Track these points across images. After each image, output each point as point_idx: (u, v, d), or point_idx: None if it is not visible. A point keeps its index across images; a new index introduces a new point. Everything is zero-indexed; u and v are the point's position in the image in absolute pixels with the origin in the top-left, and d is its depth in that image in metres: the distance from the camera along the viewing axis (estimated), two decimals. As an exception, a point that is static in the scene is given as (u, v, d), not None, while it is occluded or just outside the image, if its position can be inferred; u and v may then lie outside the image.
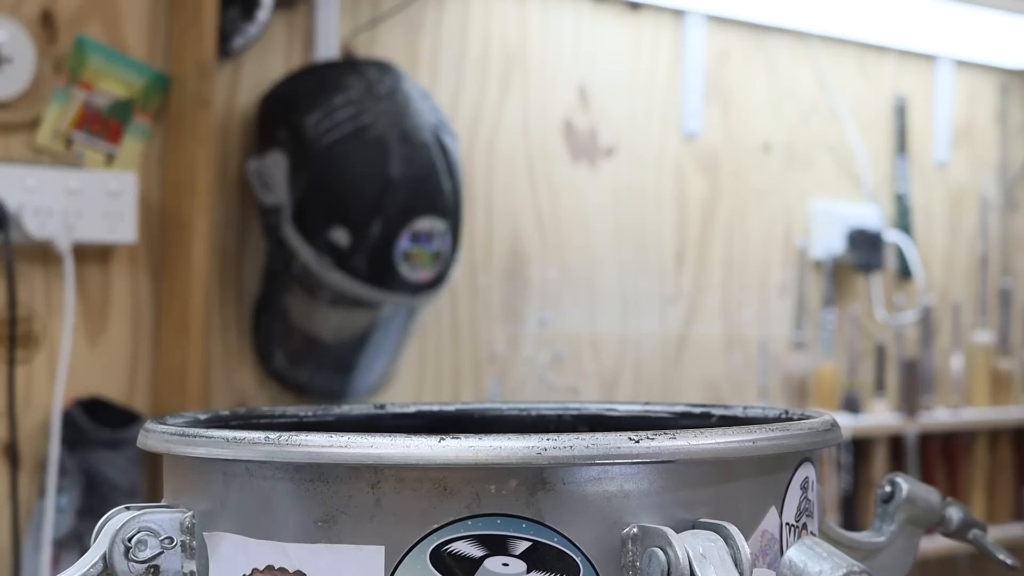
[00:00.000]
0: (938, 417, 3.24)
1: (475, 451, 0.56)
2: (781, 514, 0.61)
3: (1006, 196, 3.57)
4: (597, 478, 0.57)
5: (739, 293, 3.06)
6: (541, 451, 0.56)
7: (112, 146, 2.11)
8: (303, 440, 0.58)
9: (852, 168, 3.24)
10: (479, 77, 2.66)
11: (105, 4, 2.12)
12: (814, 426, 0.63)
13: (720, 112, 3.02)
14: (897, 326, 3.26)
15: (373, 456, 0.56)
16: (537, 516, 0.56)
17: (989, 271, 3.51)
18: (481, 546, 0.56)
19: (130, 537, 0.60)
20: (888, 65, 3.32)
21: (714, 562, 0.55)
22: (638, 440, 0.57)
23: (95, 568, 0.60)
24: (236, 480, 0.60)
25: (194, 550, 0.61)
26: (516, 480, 0.56)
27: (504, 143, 2.69)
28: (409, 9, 2.54)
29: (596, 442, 0.56)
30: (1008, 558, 0.78)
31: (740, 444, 0.59)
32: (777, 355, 3.08)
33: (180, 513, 0.61)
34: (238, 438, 0.59)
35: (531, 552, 0.56)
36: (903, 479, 0.77)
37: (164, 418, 0.67)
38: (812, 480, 0.65)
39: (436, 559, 0.56)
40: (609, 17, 2.84)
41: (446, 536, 0.56)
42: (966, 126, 3.49)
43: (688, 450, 0.58)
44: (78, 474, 2.06)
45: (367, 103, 2.22)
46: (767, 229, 3.11)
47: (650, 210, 2.92)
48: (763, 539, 0.60)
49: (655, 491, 0.57)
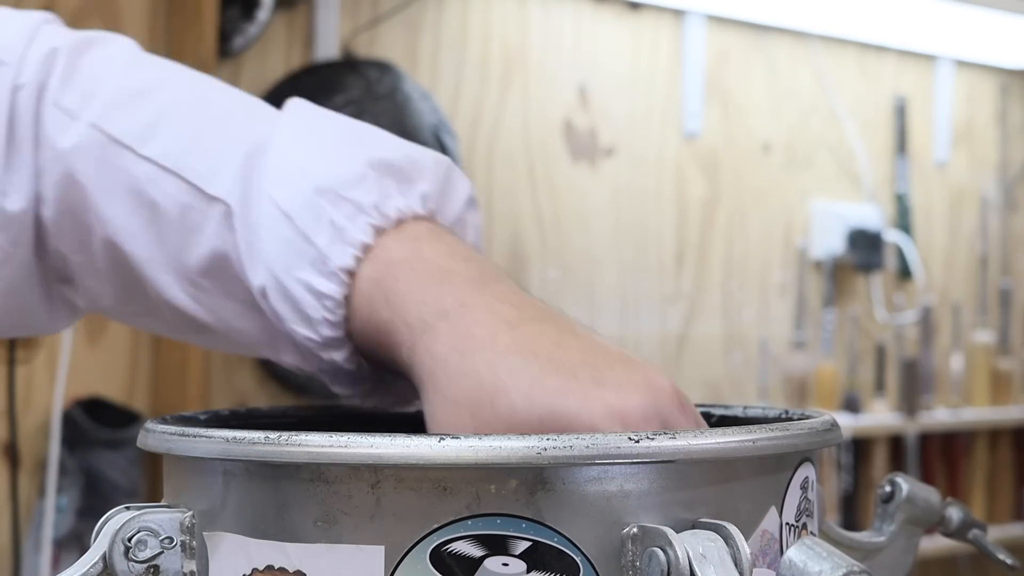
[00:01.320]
0: (938, 417, 3.24)
1: (475, 451, 0.56)
2: (781, 514, 0.61)
3: (1006, 196, 3.57)
4: (597, 478, 0.57)
5: (739, 293, 3.06)
6: (541, 451, 0.56)
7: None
8: (303, 440, 0.58)
9: (852, 168, 3.24)
10: (479, 77, 2.66)
11: (105, 4, 2.12)
12: (814, 426, 0.63)
13: (720, 112, 3.02)
14: (897, 326, 3.26)
15: (373, 456, 0.56)
16: (537, 516, 0.56)
17: (989, 271, 3.51)
18: (481, 546, 0.56)
19: (130, 537, 0.60)
20: (888, 65, 3.32)
21: (714, 562, 0.55)
22: (638, 440, 0.57)
23: (95, 568, 0.60)
24: (236, 480, 0.60)
25: (194, 550, 0.61)
26: (516, 480, 0.56)
27: (504, 143, 2.69)
28: (409, 9, 2.54)
29: (596, 442, 0.56)
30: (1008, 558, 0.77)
31: (740, 444, 0.59)
32: (777, 355, 3.08)
33: (180, 513, 0.61)
34: (238, 438, 0.59)
35: (531, 552, 0.56)
36: (903, 479, 0.77)
37: (164, 418, 0.67)
38: (812, 480, 0.64)
39: (436, 559, 0.56)
40: (609, 17, 2.84)
41: (446, 536, 0.56)
42: (966, 126, 3.49)
43: (688, 450, 0.57)
44: (78, 474, 2.06)
45: (367, 103, 2.22)
46: (767, 229, 3.11)
47: (650, 210, 2.92)
48: (763, 539, 0.60)
49: (655, 491, 0.57)
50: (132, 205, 0.77)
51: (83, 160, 0.78)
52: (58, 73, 0.80)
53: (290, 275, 0.70)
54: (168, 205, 0.76)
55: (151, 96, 0.80)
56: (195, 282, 0.76)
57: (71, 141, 0.78)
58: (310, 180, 0.71)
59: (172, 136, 0.77)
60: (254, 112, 0.79)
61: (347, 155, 0.72)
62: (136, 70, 0.81)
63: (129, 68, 0.82)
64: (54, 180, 0.79)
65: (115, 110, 0.79)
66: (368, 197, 0.70)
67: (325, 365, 0.73)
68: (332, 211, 0.70)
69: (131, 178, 0.77)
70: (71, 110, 0.79)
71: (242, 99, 0.81)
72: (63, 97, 0.79)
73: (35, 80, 0.80)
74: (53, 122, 0.79)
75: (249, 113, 0.79)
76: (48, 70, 0.80)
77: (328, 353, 0.71)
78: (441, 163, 0.74)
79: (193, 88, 0.81)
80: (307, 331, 0.70)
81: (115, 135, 0.78)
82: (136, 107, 0.79)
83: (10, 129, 0.80)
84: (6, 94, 0.80)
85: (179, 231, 0.76)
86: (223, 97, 0.81)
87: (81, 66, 0.81)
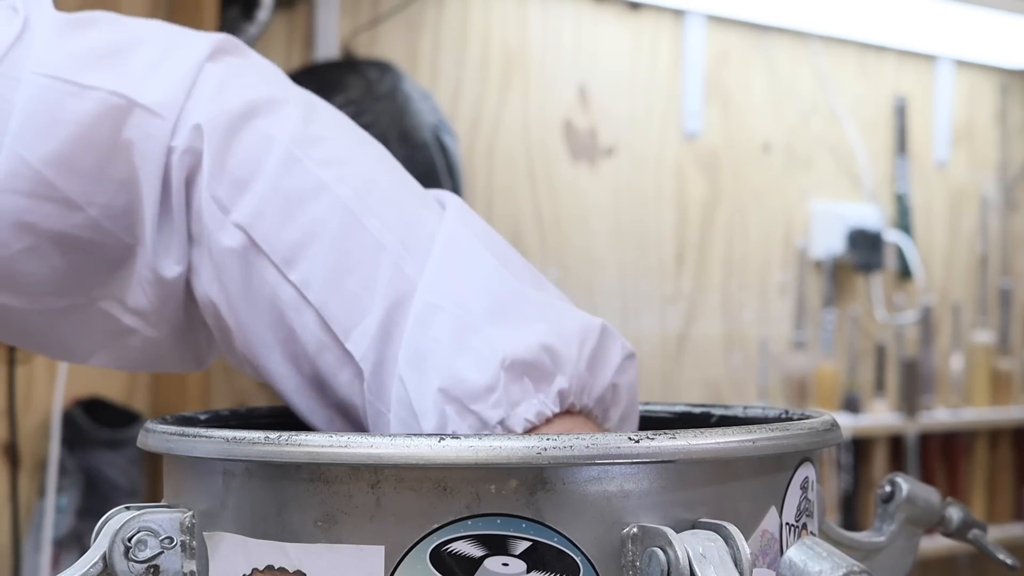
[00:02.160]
0: (938, 417, 3.24)
1: (475, 451, 0.56)
2: (781, 514, 0.61)
3: (1006, 196, 3.57)
4: (597, 478, 0.57)
5: (739, 293, 3.06)
6: (541, 451, 0.56)
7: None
8: (303, 440, 0.58)
9: (852, 168, 3.24)
10: (479, 77, 2.66)
11: (105, 4, 2.12)
12: (814, 426, 0.63)
13: (720, 112, 3.02)
14: (897, 326, 3.26)
15: (373, 456, 0.56)
16: (537, 516, 0.56)
17: (989, 271, 3.51)
18: (481, 546, 0.56)
19: (130, 537, 0.60)
20: (888, 65, 3.32)
21: (714, 562, 0.55)
22: (638, 440, 0.57)
23: (95, 568, 0.60)
24: (236, 480, 0.60)
25: (194, 550, 0.61)
26: (516, 480, 0.56)
27: (504, 143, 2.69)
28: (409, 9, 2.54)
29: (596, 442, 0.56)
30: (1008, 558, 0.77)
31: (740, 444, 0.59)
32: (777, 355, 3.08)
33: (180, 513, 0.61)
34: (238, 438, 0.59)
35: (531, 552, 0.56)
36: (903, 479, 0.77)
37: (164, 418, 0.68)
38: (812, 480, 0.65)
39: (436, 559, 0.56)
40: (609, 17, 2.84)
41: (446, 536, 0.56)
42: (966, 126, 3.49)
43: (688, 450, 0.57)
44: (78, 474, 2.06)
45: (367, 103, 2.22)
46: (767, 229, 3.11)
47: (650, 210, 2.92)
48: (763, 539, 0.60)
49: (655, 491, 0.57)
50: (271, 321, 0.76)
51: (230, 262, 0.76)
52: (214, 148, 0.77)
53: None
54: (306, 338, 0.75)
55: (305, 207, 0.76)
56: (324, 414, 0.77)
57: (227, 243, 0.76)
58: (439, 375, 0.70)
59: (319, 265, 0.75)
60: (407, 238, 0.76)
61: (483, 353, 0.71)
62: (293, 166, 0.77)
63: (287, 162, 0.77)
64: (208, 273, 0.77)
65: (266, 216, 0.76)
66: (494, 413, 0.70)
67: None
68: (458, 422, 0.70)
69: (274, 296, 0.75)
70: (222, 202, 0.76)
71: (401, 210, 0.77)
72: (217, 185, 0.76)
73: (189, 146, 0.77)
74: (208, 211, 0.77)
75: (402, 239, 0.76)
76: (202, 138, 0.77)
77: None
78: (589, 339, 0.73)
79: (349, 201, 0.76)
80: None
81: (263, 247, 0.75)
82: (288, 217, 0.76)
83: (164, 190, 0.77)
84: (161, 152, 0.77)
85: (314, 368, 0.75)
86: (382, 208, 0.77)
87: (238, 147, 0.77)
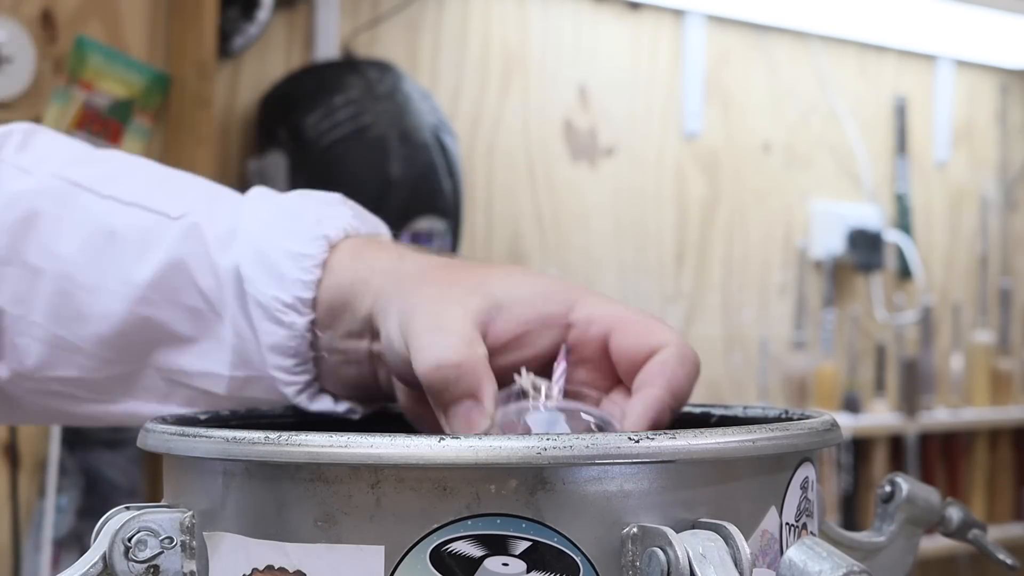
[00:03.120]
0: (938, 417, 3.24)
1: (475, 451, 0.56)
2: (781, 514, 0.61)
3: (1006, 196, 3.57)
4: (597, 478, 0.57)
5: (739, 293, 3.06)
6: (541, 451, 0.56)
7: (112, 146, 2.11)
8: (303, 440, 0.58)
9: (852, 168, 3.24)
10: (479, 77, 2.66)
11: (105, 4, 2.12)
12: (814, 426, 0.63)
13: (720, 112, 3.02)
14: (897, 326, 3.26)
15: (373, 456, 0.56)
16: (537, 516, 0.56)
17: (989, 271, 3.51)
18: (481, 546, 0.56)
19: (130, 537, 0.60)
20: (888, 65, 3.32)
21: (714, 562, 0.55)
22: (638, 440, 0.57)
23: (95, 568, 0.60)
24: (236, 480, 0.60)
25: (194, 550, 0.61)
26: (516, 480, 0.56)
27: (504, 143, 2.69)
28: (409, 9, 2.54)
29: (596, 442, 0.56)
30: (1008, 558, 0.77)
31: (740, 444, 0.59)
32: (777, 355, 3.08)
33: (180, 513, 0.61)
34: (238, 438, 0.59)
35: (531, 552, 0.56)
36: (903, 479, 0.77)
37: (164, 418, 0.68)
38: (812, 480, 0.64)
39: (436, 559, 0.56)
40: (609, 17, 2.84)
41: (446, 536, 0.56)
42: (966, 126, 3.49)
43: (688, 450, 0.57)
44: (78, 474, 2.06)
45: (367, 103, 2.22)
46: (767, 229, 3.11)
47: (650, 210, 2.92)
48: (763, 539, 0.60)
49: (655, 491, 0.57)
50: (88, 238, 0.79)
51: (44, 201, 0.80)
52: (12, 146, 0.83)
53: (272, 244, 0.75)
54: (126, 231, 0.79)
55: (108, 158, 0.84)
56: (143, 297, 0.78)
57: (28, 185, 0.80)
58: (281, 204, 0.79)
59: (134, 182, 0.81)
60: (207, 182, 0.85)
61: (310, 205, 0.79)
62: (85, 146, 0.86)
63: (79, 143, 0.86)
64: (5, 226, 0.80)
65: (74, 165, 0.82)
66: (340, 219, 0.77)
67: (271, 337, 0.75)
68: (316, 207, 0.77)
69: (90, 215, 0.80)
70: (26, 167, 0.81)
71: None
72: (19, 160, 0.82)
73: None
74: (5, 176, 0.81)
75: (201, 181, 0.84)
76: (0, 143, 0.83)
77: (289, 316, 0.74)
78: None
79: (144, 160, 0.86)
80: (276, 291, 0.74)
81: (77, 180, 0.80)
82: (95, 162, 0.83)
83: None
84: None
85: (133, 251, 0.78)
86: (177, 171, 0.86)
87: (35, 141, 0.84)
